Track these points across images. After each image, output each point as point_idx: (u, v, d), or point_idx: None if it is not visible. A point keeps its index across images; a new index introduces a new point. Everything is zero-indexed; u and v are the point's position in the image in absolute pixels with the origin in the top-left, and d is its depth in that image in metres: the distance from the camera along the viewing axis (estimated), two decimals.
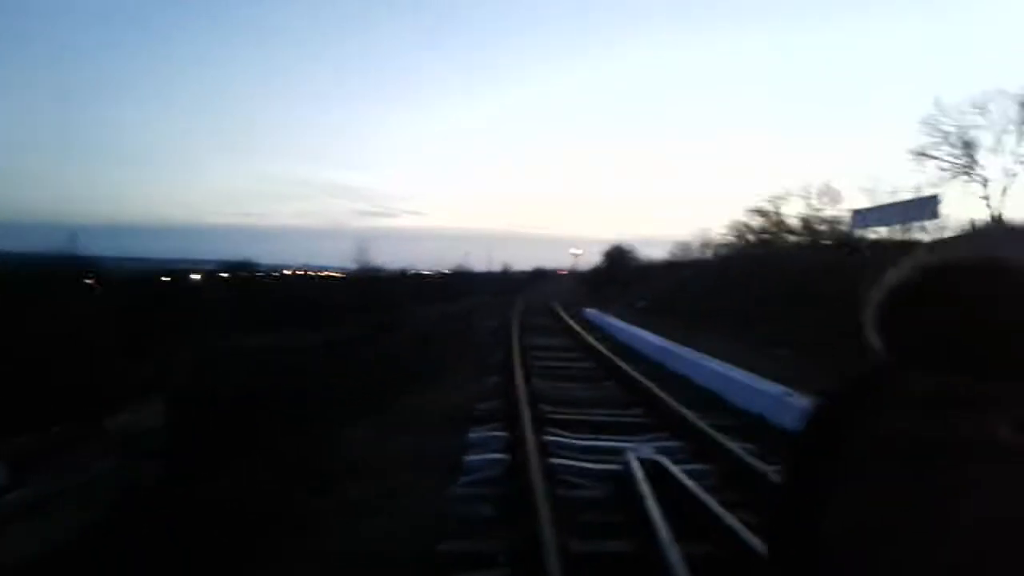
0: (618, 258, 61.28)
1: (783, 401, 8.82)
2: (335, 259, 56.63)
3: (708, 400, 10.37)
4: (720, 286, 28.05)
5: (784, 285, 21.95)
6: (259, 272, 53.85)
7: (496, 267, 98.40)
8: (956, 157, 30.10)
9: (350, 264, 52.48)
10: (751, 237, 44.60)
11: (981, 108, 29.65)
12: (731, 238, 47.15)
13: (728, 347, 15.15)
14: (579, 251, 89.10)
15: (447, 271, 78.45)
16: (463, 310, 33.36)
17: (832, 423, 1.17)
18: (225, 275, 50.17)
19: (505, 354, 14.90)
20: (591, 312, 28.26)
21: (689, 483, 5.85)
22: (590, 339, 18.27)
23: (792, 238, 40.68)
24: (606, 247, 65.70)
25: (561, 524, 5.14)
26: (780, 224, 42.43)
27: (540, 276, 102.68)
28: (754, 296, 23.21)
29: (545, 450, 7.22)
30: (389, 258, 76.02)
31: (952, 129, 30.17)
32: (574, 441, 7.83)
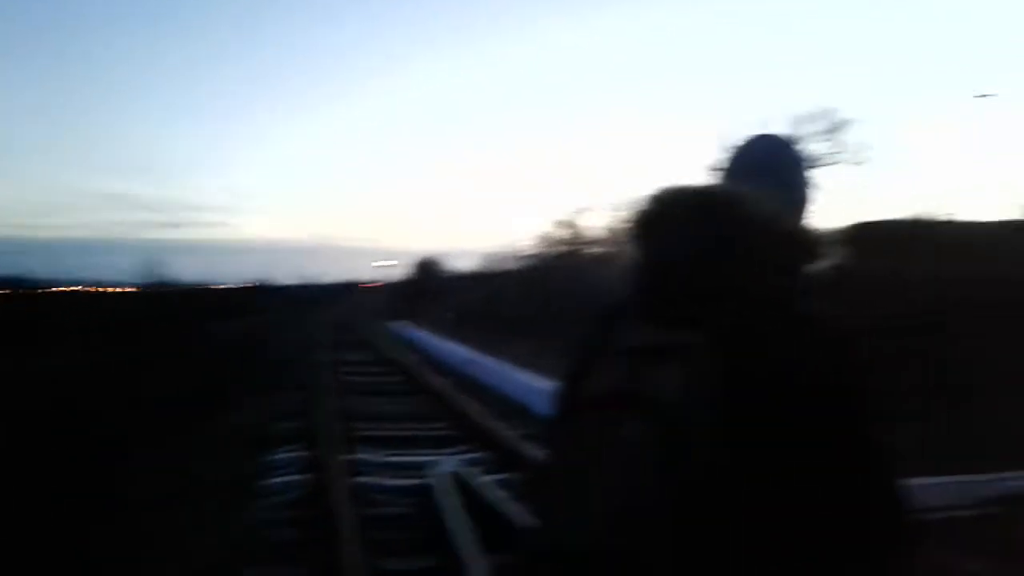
0: (428, 270, 61.22)
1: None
2: (127, 274, 53.08)
3: (516, 410, 10.50)
4: (528, 297, 28.63)
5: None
6: (38, 288, 49.53)
7: (305, 279, 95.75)
8: None
9: (142, 279, 49.40)
10: (558, 248, 45.72)
11: (762, 124, 32.01)
12: (538, 249, 48.09)
13: (536, 357, 15.45)
14: (389, 263, 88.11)
15: (251, 284, 75.34)
16: (265, 325, 32.11)
17: (568, 386, 1.35)
18: None
19: (310, 370, 14.47)
20: (400, 325, 28.09)
21: (496, 495, 5.89)
22: (397, 353, 18.13)
23: (597, 249, 42.06)
24: (417, 259, 65.42)
25: (367, 543, 5.04)
26: (584, 236, 43.82)
27: (351, 288, 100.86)
28: (560, 306, 23.84)
29: (352, 468, 7.05)
30: (189, 272, 72.25)
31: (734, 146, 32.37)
32: (382, 458, 7.71)
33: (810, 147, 31.06)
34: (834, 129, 30.68)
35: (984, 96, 29.64)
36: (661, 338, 1.18)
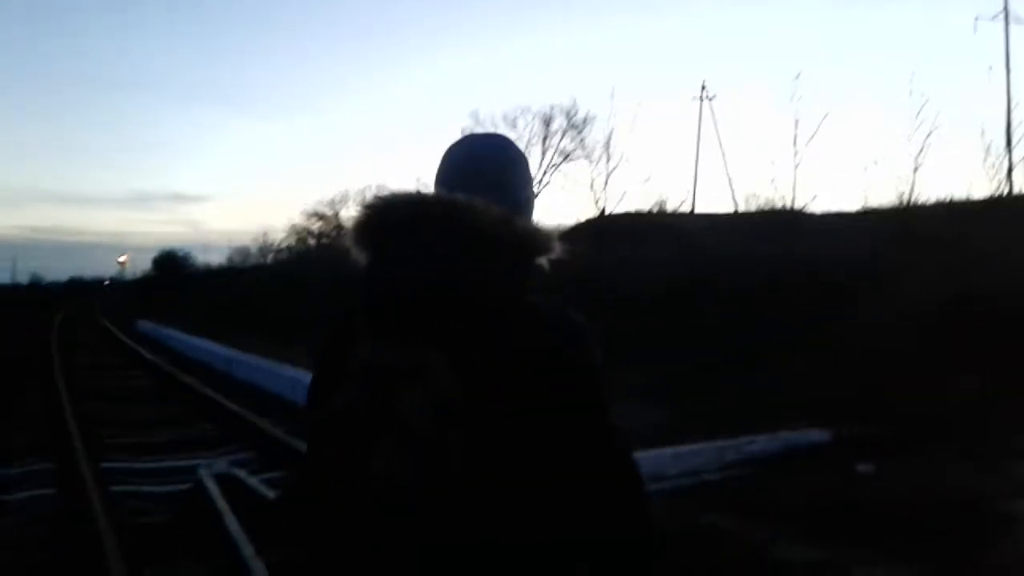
0: (170, 265, 57.60)
1: None
2: None
3: (282, 405, 10.24)
4: (283, 291, 27.87)
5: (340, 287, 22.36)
6: None
7: (23, 278, 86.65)
8: None
9: None
10: (312, 241, 44.82)
11: (512, 123, 33.24)
12: (292, 242, 46.91)
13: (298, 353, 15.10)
14: (124, 258, 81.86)
15: None
16: None
17: (314, 395, 1.37)
18: None
19: (45, 378, 13.24)
20: (146, 324, 26.33)
21: (266, 493, 5.74)
22: (145, 353, 17.04)
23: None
24: (157, 253, 61.48)
25: (130, 558, 4.74)
26: (340, 227, 43.23)
27: (82, 286, 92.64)
28: (319, 298, 23.43)
29: (106, 478, 6.57)
30: None
31: None
32: (138, 465, 7.25)
33: (556, 143, 32.69)
34: (577, 126, 32.60)
35: (704, 98, 32.60)
36: (399, 357, 1.20)
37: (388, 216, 1.29)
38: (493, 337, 1.18)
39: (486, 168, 1.42)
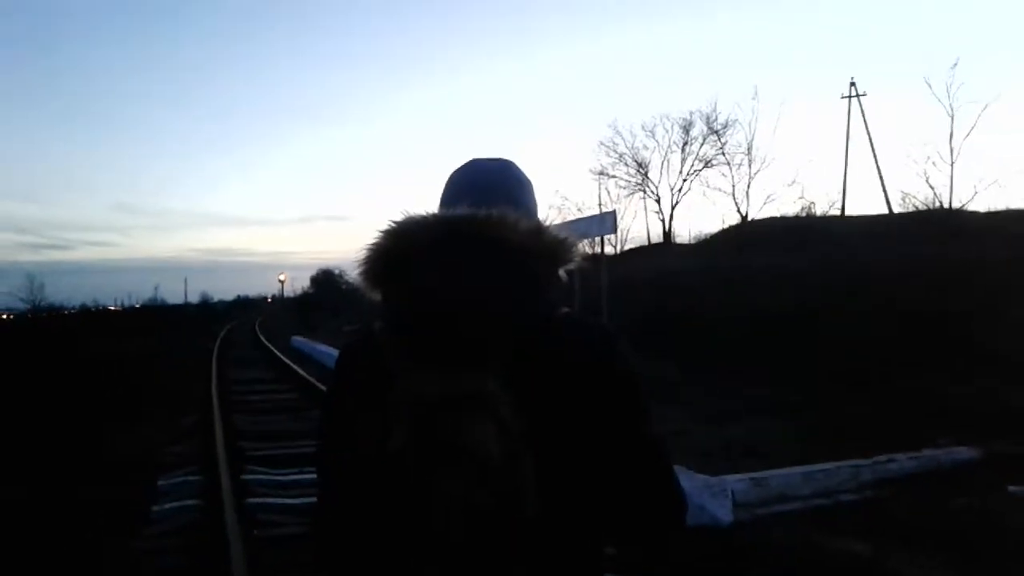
0: (326, 282, 60.28)
1: None
2: (8, 298, 50.97)
3: None
4: None
5: None
6: None
7: (195, 297, 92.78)
8: (631, 176, 33.12)
9: (24, 303, 47.47)
10: None
11: (650, 131, 32.87)
12: None
13: None
14: (283, 276, 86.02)
15: (138, 305, 72.51)
16: (154, 345, 31.04)
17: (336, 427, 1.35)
18: None
19: (203, 391, 14.06)
20: (299, 340, 27.55)
21: None
22: (296, 367, 17.79)
23: None
24: (314, 271, 64.55)
25: (258, 567, 4.93)
26: None
27: (246, 304, 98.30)
28: None
29: (245, 490, 6.89)
30: (78, 294, 69.30)
31: (626, 150, 33.19)
32: (276, 477, 7.55)
33: (696, 149, 32.05)
34: (718, 131, 31.85)
35: (853, 96, 31.11)
36: (454, 386, 1.15)
37: (414, 241, 1.26)
38: (545, 354, 1.18)
39: (499, 184, 1.41)
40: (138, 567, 5.29)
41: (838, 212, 27.80)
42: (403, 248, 1.26)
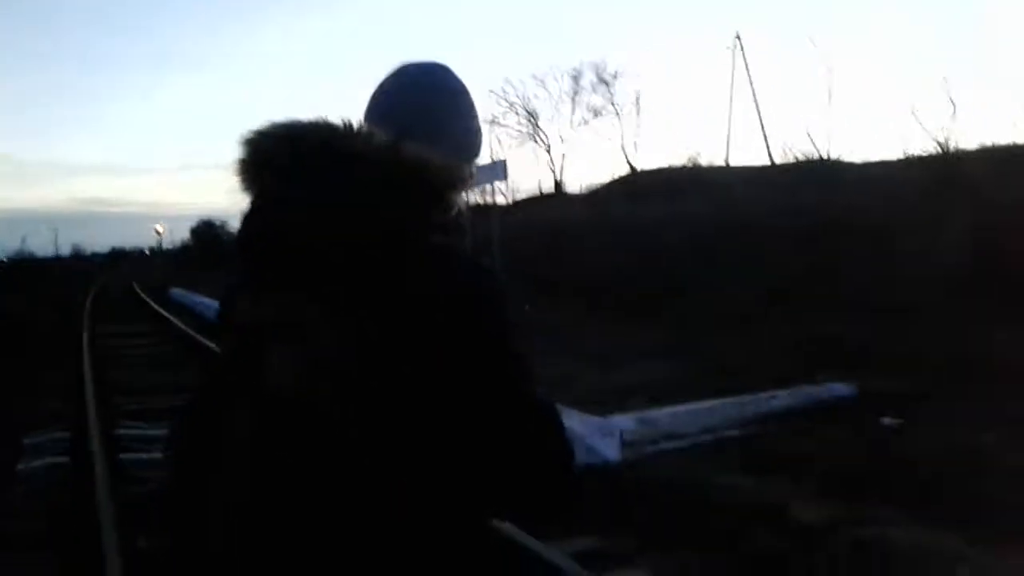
0: (207, 233, 58.15)
1: None
2: None
3: None
4: None
5: None
6: None
7: (66, 250, 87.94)
8: (522, 125, 33.06)
9: None
10: None
11: (540, 80, 32.83)
12: None
13: None
14: (161, 228, 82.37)
15: (3, 259, 68.19)
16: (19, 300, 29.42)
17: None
18: None
19: (74, 346, 13.33)
20: (178, 292, 26.62)
21: None
22: (176, 321, 17.12)
23: None
24: (195, 222, 62.25)
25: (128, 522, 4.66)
26: None
27: (122, 257, 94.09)
28: None
29: (119, 445, 6.55)
30: None
31: (516, 99, 33.07)
32: (151, 432, 7.19)
33: (585, 100, 32.17)
34: (607, 81, 32.05)
35: (737, 49, 31.76)
36: (271, 312, 1.02)
37: (259, 151, 1.10)
38: (383, 285, 1.00)
39: (414, 97, 1.26)
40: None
41: (723, 163, 28.45)
42: (253, 160, 1.11)
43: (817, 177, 17.41)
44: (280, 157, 1.07)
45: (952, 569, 3.82)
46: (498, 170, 19.97)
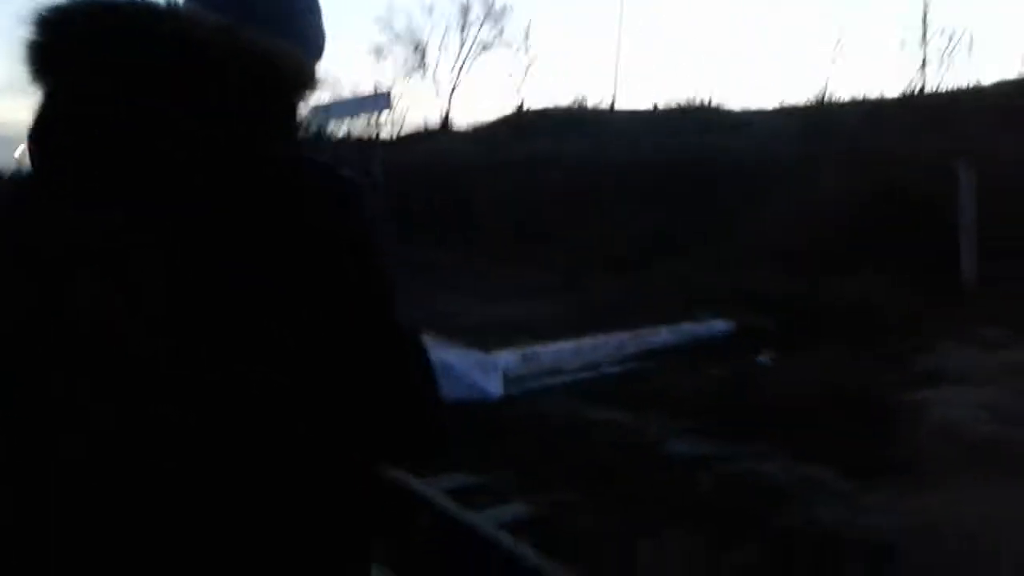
0: None
1: None
2: None
3: None
4: None
5: None
6: None
7: None
8: (408, 57, 32.22)
9: None
10: None
11: (427, 10, 32.01)
12: None
13: None
14: (20, 153, 77.29)
15: None
16: None
17: None
18: None
19: None
20: None
21: None
22: None
23: None
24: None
25: None
26: None
27: None
28: None
29: None
30: None
31: (403, 29, 32.15)
32: None
33: (474, 33, 31.67)
34: (496, 15, 31.58)
35: None
36: (78, 236, 0.80)
37: (62, 32, 0.85)
38: (219, 202, 0.81)
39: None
40: None
41: (608, 105, 28.59)
42: (51, 42, 0.86)
43: (698, 123, 17.67)
44: (90, 40, 0.84)
45: (823, 501, 3.96)
46: (382, 100, 19.53)
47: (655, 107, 26.04)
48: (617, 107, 28.35)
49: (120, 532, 0.79)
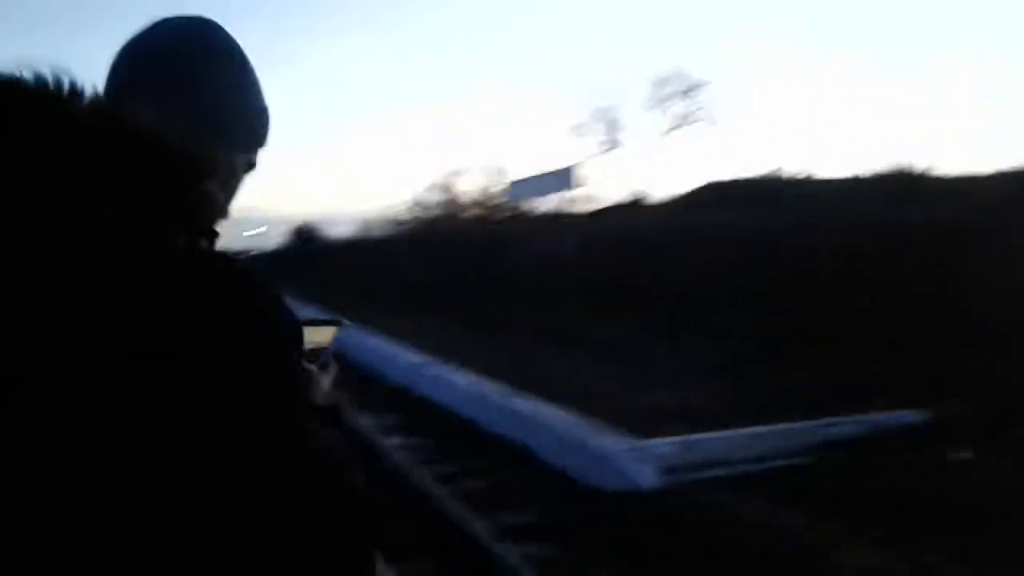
0: (305, 237, 59.69)
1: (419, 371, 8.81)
2: None
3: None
4: (402, 260, 28.35)
5: (459, 260, 22.64)
6: None
7: None
8: (603, 133, 32.73)
9: None
10: (430, 212, 45.56)
11: (623, 89, 32.50)
12: (411, 214, 47.90)
13: (390, 321, 15.10)
14: (259, 230, 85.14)
15: None
16: None
17: None
18: None
19: None
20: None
21: None
22: None
23: (469, 213, 41.92)
24: (292, 225, 63.82)
25: None
26: (457, 200, 43.65)
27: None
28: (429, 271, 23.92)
29: None
30: None
31: (598, 108, 32.75)
32: None
33: (670, 108, 31.61)
34: (690, 90, 31.40)
35: (827, 59, 30.64)
36: None
37: None
38: (85, 306, 0.69)
39: (155, 60, 0.96)
40: None
41: (809, 173, 27.51)
42: None
43: (901, 190, 16.64)
44: None
45: None
46: (568, 177, 19.78)
47: (858, 174, 24.80)
48: (816, 175, 27.27)
49: None
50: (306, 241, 56.85)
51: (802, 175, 27.19)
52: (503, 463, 6.06)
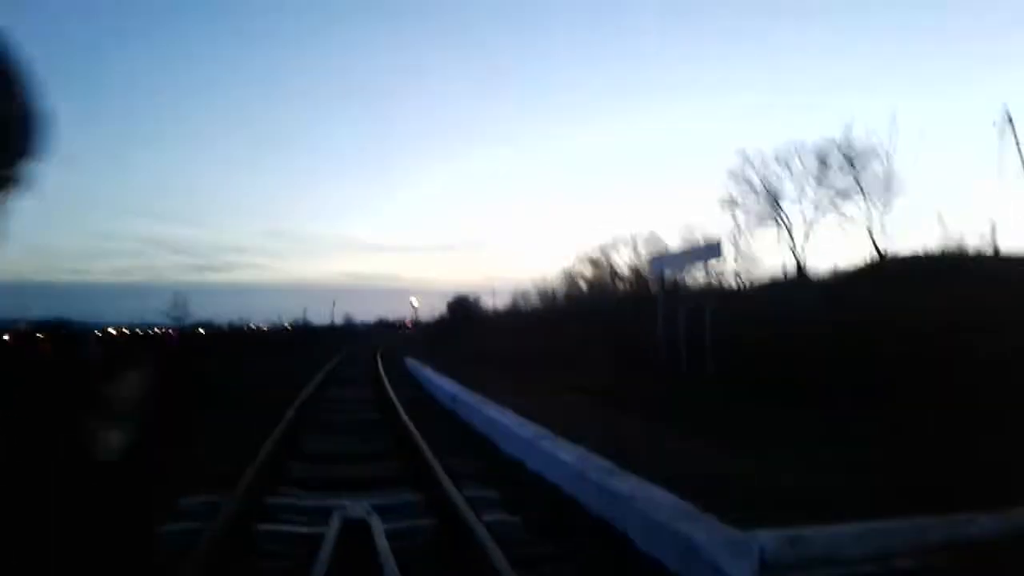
0: (459, 308, 61.40)
1: (536, 444, 8.59)
2: (160, 315, 55.34)
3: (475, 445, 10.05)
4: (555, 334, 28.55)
5: (604, 331, 22.47)
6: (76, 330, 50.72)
7: (338, 319, 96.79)
8: (762, 206, 31.79)
9: (174, 321, 50.62)
10: (584, 285, 45.82)
11: (783, 160, 31.51)
12: (565, 286, 48.48)
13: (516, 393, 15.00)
14: (415, 301, 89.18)
15: (288, 325, 76.46)
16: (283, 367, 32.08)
17: None
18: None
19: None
20: (412, 363, 27.79)
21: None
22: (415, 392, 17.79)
23: (622, 286, 41.74)
24: (450, 297, 66.14)
25: None
26: (610, 272, 43.61)
27: (386, 327, 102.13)
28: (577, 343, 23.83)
29: (263, 514, 6.60)
30: (220, 313, 74.60)
31: (757, 180, 31.91)
32: (304, 503, 7.17)
33: (832, 181, 30.27)
34: (854, 160, 30.01)
35: (1005, 123, 28.58)
36: None
37: None
38: None
39: None
40: None
41: (988, 249, 25.45)
42: None
43: None
44: None
45: None
46: (712, 250, 19.27)
47: None
48: (1002, 251, 25.20)
49: None
50: (459, 311, 58.84)
51: (982, 250, 25.30)
52: (592, 547, 5.76)
